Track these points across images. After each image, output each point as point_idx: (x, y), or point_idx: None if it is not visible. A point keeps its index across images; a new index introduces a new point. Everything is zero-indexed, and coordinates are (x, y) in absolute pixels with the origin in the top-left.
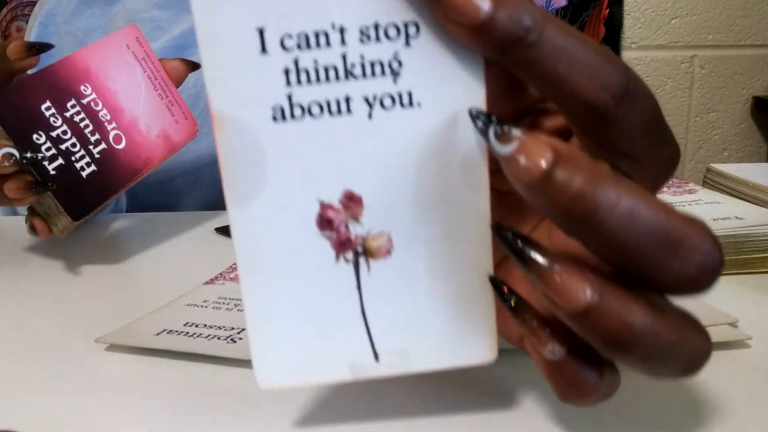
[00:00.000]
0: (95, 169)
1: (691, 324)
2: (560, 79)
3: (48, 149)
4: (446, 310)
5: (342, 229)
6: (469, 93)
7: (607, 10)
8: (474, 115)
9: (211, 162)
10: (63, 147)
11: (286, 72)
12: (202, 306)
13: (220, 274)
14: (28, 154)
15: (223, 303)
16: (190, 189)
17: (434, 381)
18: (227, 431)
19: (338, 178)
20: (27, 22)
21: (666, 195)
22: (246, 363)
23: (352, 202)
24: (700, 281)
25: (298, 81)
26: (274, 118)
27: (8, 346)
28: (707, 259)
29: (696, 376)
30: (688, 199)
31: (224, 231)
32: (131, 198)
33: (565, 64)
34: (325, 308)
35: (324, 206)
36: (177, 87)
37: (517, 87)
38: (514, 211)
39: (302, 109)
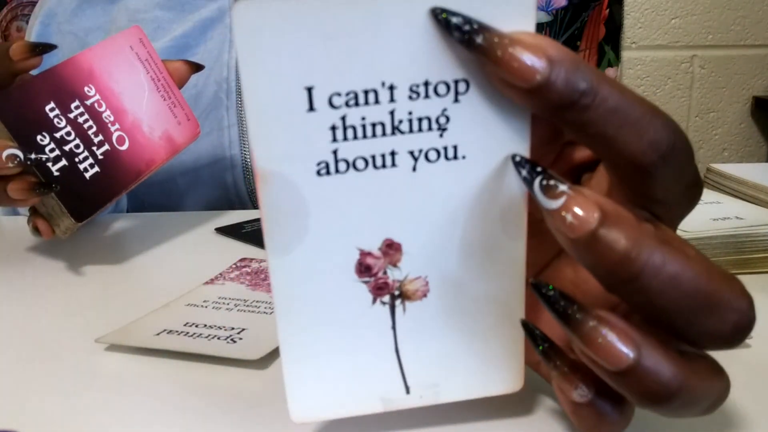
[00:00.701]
0: (98, 170)
1: (716, 370)
2: (611, 139)
3: (51, 150)
4: (477, 349)
5: (380, 275)
6: (514, 146)
7: (607, 10)
8: (519, 163)
9: (212, 162)
10: (66, 148)
11: (333, 129)
12: (202, 306)
13: (220, 274)
14: (32, 156)
15: (223, 303)
16: (190, 189)
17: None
18: (227, 431)
19: (379, 227)
20: (27, 22)
21: None
22: (246, 363)
23: (391, 249)
24: (733, 339)
25: (345, 137)
26: (319, 173)
27: (8, 346)
28: (742, 319)
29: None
30: None
31: (224, 231)
32: (132, 198)
33: (617, 126)
34: (360, 347)
35: (363, 254)
36: (179, 88)
37: (559, 137)
38: (538, 234)
39: (347, 163)
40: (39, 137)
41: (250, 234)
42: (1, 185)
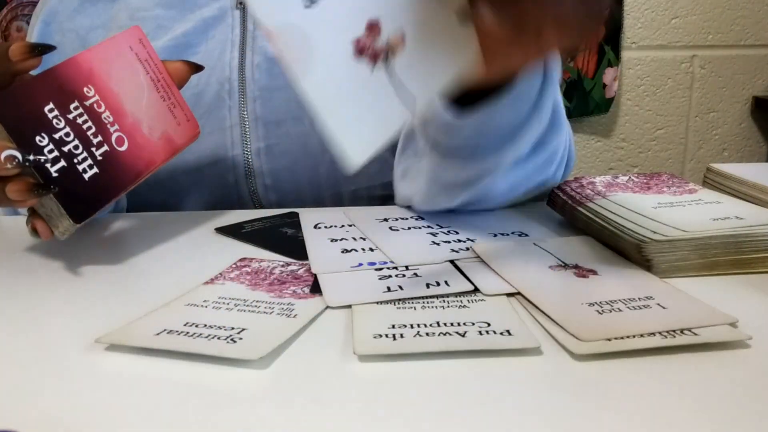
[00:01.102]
0: (97, 171)
1: None
2: None
3: (50, 151)
4: (443, 65)
5: (371, 48)
6: None
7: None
8: None
9: (213, 162)
10: (65, 149)
11: None
12: (202, 306)
13: (220, 274)
14: (31, 157)
15: (223, 303)
16: (191, 189)
17: (433, 384)
18: (227, 431)
19: (358, 19)
20: (27, 22)
21: (666, 195)
22: (246, 363)
23: (373, 28)
24: None
25: None
26: (306, 7)
27: (8, 346)
28: None
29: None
30: (688, 199)
31: (224, 231)
32: (133, 197)
33: None
34: (371, 96)
35: (354, 41)
36: (179, 88)
37: None
38: None
39: None
40: (38, 138)
41: (250, 234)
42: (0, 186)
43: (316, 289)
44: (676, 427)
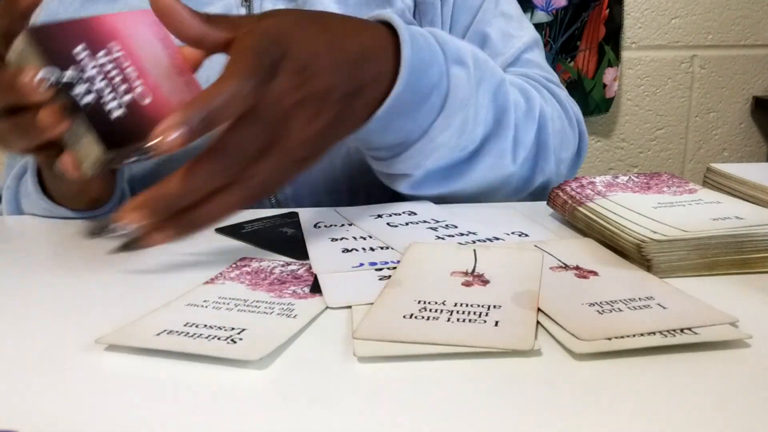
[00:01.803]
0: (124, 112)
1: None
2: None
3: (79, 85)
4: None
5: None
6: None
7: (607, 10)
8: None
9: None
10: (93, 88)
11: None
12: (202, 306)
13: (220, 274)
14: (64, 78)
15: (223, 303)
16: None
17: (433, 384)
18: (227, 431)
19: None
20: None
21: (666, 195)
22: (246, 363)
23: None
24: None
25: None
26: None
27: (8, 346)
28: None
29: None
30: (688, 199)
31: (224, 231)
32: (137, 188)
33: None
34: None
35: None
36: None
37: None
38: None
39: None
40: (68, 73)
41: (250, 234)
42: (30, 117)
43: (316, 289)
44: (676, 427)
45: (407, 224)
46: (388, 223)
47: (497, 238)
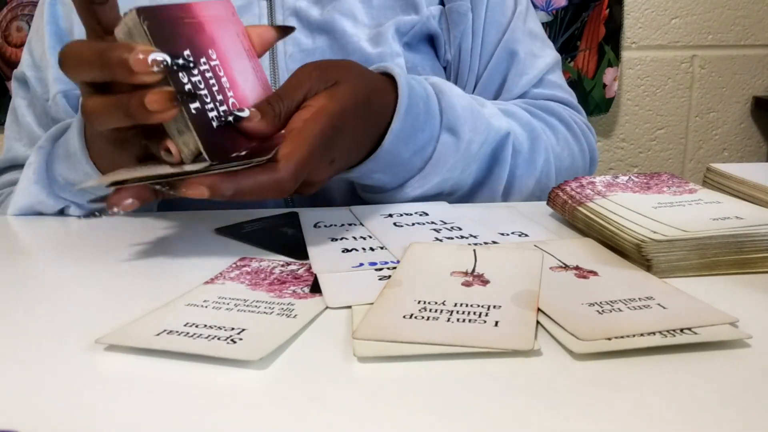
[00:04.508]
0: (221, 123)
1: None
2: None
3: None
4: None
5: None
6: None
7: (607, 10)
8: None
9: None
10: (198, 93)
11: None
12: (202, 306)
13: (220, 273)
14: (180, 60)
15: (223, 303)
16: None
17: (433, 385)
18: (227, 431)
19: None
20: (27, 23)
21: (666, 195)
22: (246, 363)
23: None
24: None
25: None
26: None
27: (8, 346)
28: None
29: None
30: (688, 199)
31: (224, 231)
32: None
33: None
34: None
35: None
36: (260, 56)
37: None
38: None
39: None
40: (181, 60)
41: (250, 234)
42: (137, 98)
43: (316, 289)
44: (676, 427)
45: (413, 225)
46: (394, 223)
47: (495, 243)
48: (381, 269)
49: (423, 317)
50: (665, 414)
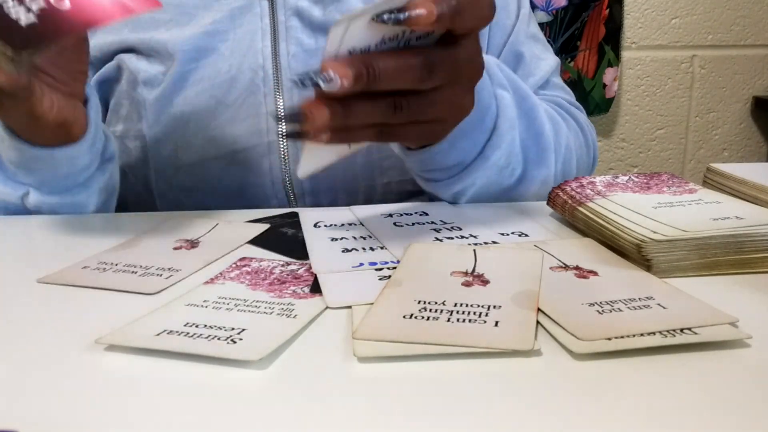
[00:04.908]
0: (35, 21)
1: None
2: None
3: None
4: None
5: None
6: None
7: (607, 10)
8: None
9: (248, 147)
10: None
11: None
12: (202, 306)
13: (220, 273)
14: None
15: (223, 303)
16: (223, 173)
17: (433, 385)
18: (227, 431)
19: None
20: None
21: (666, 195)
22: (246, 363)
23: None
24: None
25: None
26: None
27: (8, 346)
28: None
29: None
30: (688, 199)
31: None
32: (159, 179)
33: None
34: None
35: None
36: None
37: None
38: None
39: None
40: None
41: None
42: None
43: (316, 289)
44: (676, 426)
45: (413, 224)
46: (395, 223)
47: (495, 243)
48: (381, 269)
49: (423, 317)
50: (665, 414)
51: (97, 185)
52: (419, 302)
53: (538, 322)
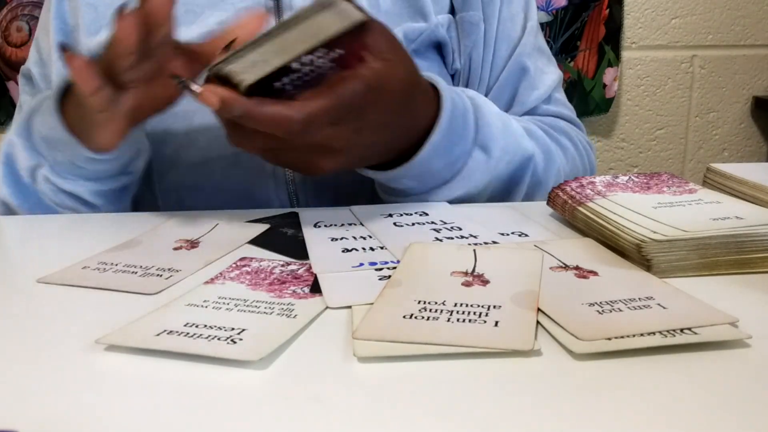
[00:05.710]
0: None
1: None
2: None
3: None
4: None
5: None
6: None
7: (607, 10)
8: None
9: None
10: None
11: None
12: (202, 306)
13: (220, 273)
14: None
15: (223, 303)
16: (227, 173)
17: (433, 385)
18: (227, 431)
19: None
20: (27, 23)
21: (666, 195)
22: (246, 363)
23: None
24: None
25: None
26: None
27: (8, 346)
28: None
29: None
30: (688, 199)
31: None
32: (162, 179)
33: None
34: None
35: None
36: None
37: None
38: None
39: None
40: None
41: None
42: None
43: (316, 289)
44: (676, 426)
45: (413, 224)
46: (394, 223)
47: (495, 243)
48: (381, 269)
49: (423, 317)
50: (665, 414)
51: (104, 187)
52: (419, 302)
53: (538, 322)
